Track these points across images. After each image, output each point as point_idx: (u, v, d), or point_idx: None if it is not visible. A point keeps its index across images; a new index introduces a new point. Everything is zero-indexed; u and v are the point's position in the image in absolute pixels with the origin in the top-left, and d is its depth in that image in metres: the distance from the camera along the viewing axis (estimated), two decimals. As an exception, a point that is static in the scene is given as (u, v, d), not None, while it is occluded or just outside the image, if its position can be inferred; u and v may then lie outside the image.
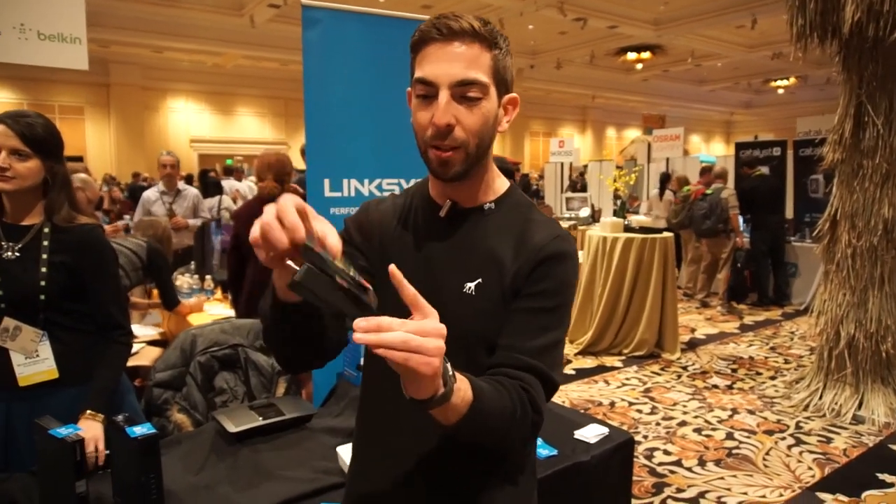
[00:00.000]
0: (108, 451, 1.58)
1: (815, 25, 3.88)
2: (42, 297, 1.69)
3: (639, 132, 22.74)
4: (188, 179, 11.29)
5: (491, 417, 0.89)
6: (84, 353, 1.77)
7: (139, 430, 1.35)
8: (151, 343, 3.65)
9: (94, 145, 16.44)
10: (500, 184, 1.12)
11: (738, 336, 6.21)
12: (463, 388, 0.84)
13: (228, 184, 9.06)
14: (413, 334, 0.73)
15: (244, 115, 18.71)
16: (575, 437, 1.87)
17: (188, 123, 17.88)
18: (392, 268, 0.78)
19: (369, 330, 0.72)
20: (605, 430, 1.90)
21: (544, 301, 1.02)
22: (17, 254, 1.70)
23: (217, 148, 17.50)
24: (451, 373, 0.82)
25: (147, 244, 3.03)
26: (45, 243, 1.72)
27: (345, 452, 1.60)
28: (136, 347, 3.46)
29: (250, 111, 18.77)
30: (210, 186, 7.94)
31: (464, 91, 0.97)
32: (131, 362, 3.19)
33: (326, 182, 2.39)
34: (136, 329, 3.89)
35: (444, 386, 0.80)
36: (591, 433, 1.88)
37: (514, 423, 0.93)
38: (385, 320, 0.73)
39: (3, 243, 1.70)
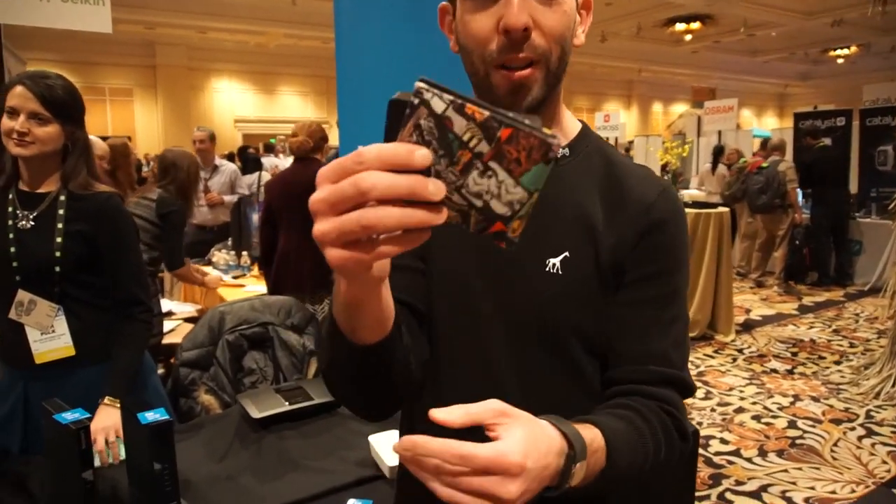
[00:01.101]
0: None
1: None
2: (57, 268, 1.59)
3: (686, 107, 21.99)
4: (230, 157, 11.35)
5: (631, 471, 0.70)
6: (102, 329, 1.67)
7: (151, 416, 1.22)
8: (188, 320, 3.59)
9: (143, 126, 16.74)
10: (571, 122, 0.87)
11: (797, 318, 5.88)
12: (588, 439, 0.63)
13: (269, 161, 9.03)
14: (470, 472, 0.51)
15: (286, 94, 18.76)
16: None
17: (232, 103, 18.03)
18: (433, 414, 0.53)
19: (406, 449, 0.51)
20: (666, 421, 1.71)
21: (664, 284, 0.80)
22: (33, 222, 1.60)
23: (261, 127, 17.62)
24: (565, 424, 0.62)
25: (157, 200, 2.85)
26: (61, 212, 1.61)
27: (378, 442, 1.46)
28: (171, 325, 3.39)
29: (292, 90, 18.81)
30: (249, 162, 7.91)
31: None
32: (167, 340, 3.12)
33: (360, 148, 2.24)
34: (173, 306, 3.84)
35: (567, 444, 0.60)
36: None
37: (659, 462, 0.75)
38: (430, 446, 0.51)
39: (18, 212, 1.61)
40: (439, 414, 0.52)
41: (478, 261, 0.81)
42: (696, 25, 16.38)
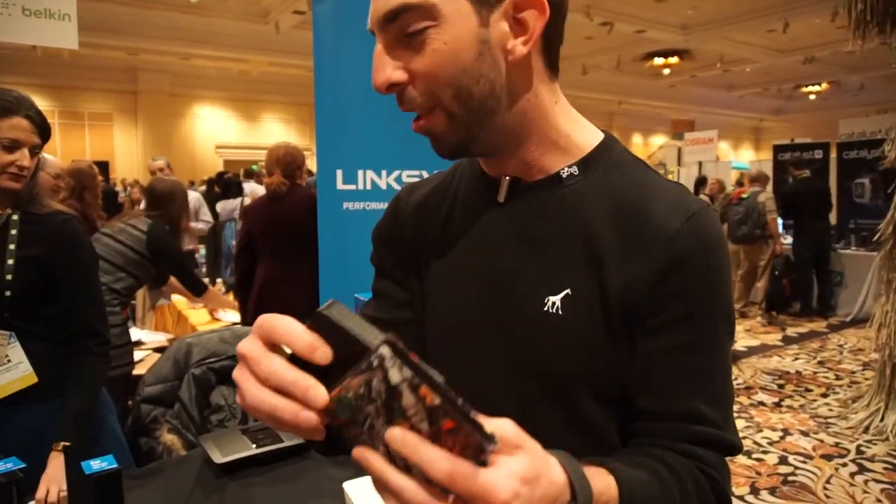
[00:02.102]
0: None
1: (877, 11, 3.55)
2: (7, 293, 1.46)
3: (665, 138, 22.30)
4: (209, 183, 11.22)
5: None
6: (55, 363, 1.54)
7: (97, 464, 1.10)
8: (158, 350, 3.42)
9: (122, 151, 16.57)
10: (586, 135, 0.73)
11: (781, 349, 5.83)
12: (598, 489, 0.54)
13: (249, 186, 8.92)
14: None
15: (269, 122, 18.72)
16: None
17: (214, 130, 17.93)
18: None
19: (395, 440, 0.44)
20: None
21: (692, 331, 0.66)
22: None
23: (243, 154, 17.51)
24: (576, 468, 0.53)
25: (147, 233, 2.68)
26: (13, 232, 1.49)
27: (354, 490, 1.33)
28: (140, 355, 3.23)
29: (275, 117, 18.78)
30: (232, 187, 7.79)
31: (401, 28, 0.63)
32: (135, 371, 2.95)
33: (339, 173, 2.14)
34: (143, 335, 3.67)
35: (570, 491, 0.51)
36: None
37: None
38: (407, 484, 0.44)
39: None
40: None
41: (478, 302, 0.73)
42: (674, 60, 16.70)
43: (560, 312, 0.67)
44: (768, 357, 5.55)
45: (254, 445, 1.53)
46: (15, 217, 1.50)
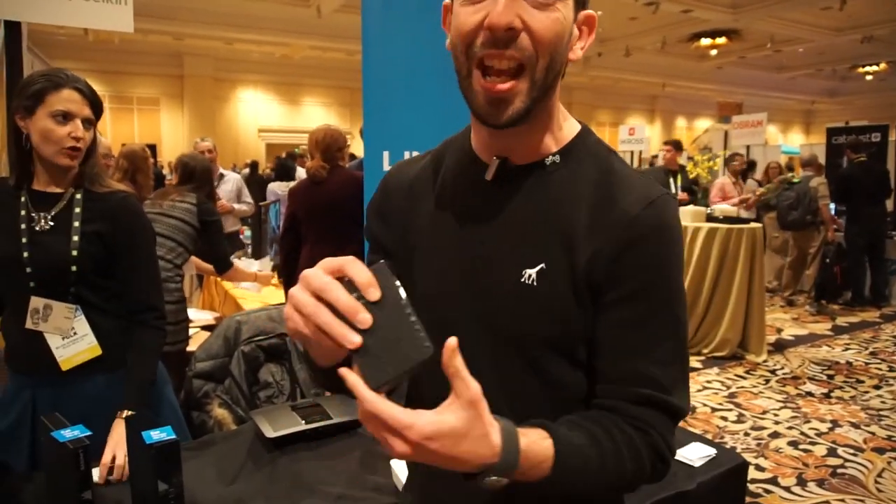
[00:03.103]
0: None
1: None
2: (74, 268, 1.51)
3: (710, 122, 21.72)
4: (253, 166, 11.39)
5: (581, 487, 0.71)
6: (117, 336, 1.59)
7: (157, 434, 1.13)
8: (206, 328, 3.51)
9: (169, 135, 16.94)
10: (569, 127, 0.82)
11: (831, 338, 5.66)
12: (533, 453, 0.66)
13: (279, 186, 9.10)
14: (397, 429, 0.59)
15: (310, 105, 18.88)
16: (675, 457, 1.56)
17: (257, 113, 18.18)
18: (449, 344, 0.60)
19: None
20: (712, 452, 1.58)
21: (644, 302, 0.75)
22: (52, 223, 1.53)
23: (284, 137, 17.72)
24: (513, 437, 0.65)
25: (197, 206, 2.77)
26: (78, 210, 1.54)
27: (400, 467, 1.35)
28: (189, 333, 3.32)
29: (316, 101, 18.93)
30: (289, 171, 7.97)
31: None
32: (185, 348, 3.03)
33: (386, 155, 2.15)
34: (191, 313, 3.76)
35: (498, 457, 0.63)
36: (694, 454, 1.56)
37: (625, 480, 0.74)
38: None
39: (32, 214, 1.53)
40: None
41: (462, 273, 0.80)
42: (721, 41, 16.19)
43: (535, 284, 0.75)
44: (817, 347, 5.40)
45: (303, 421, 1.56)
46: (78, 196, 1.55)
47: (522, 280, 0.75)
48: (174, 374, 1.83)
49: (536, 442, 0.66)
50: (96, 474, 1.38)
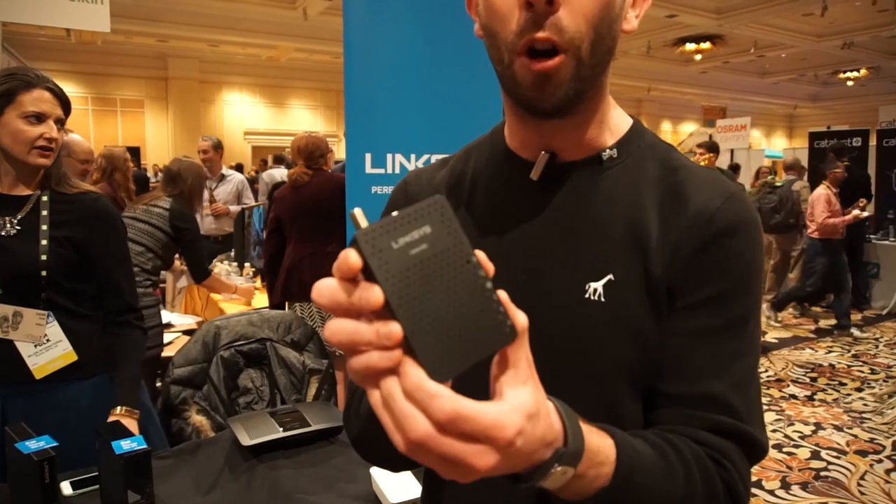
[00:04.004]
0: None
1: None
2: (44, 272, 1.47)
3: (695, 126, 21.89)
4: (238, 169, 11.30)
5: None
6: (91, 340, 1.55)
7: (127, 444, 1.10)
8: (188, 333, 3.46)
9: (153, 137, 16.78)
10: (621, 118, 0.72)
11: (814, 341, 5.70)
12: (594, 445, 0.50)
13: (279, 172, 8.99)
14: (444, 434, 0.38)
15: (297, 108, 18.80)
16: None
17: (242, 116, 18.06)
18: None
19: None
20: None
21: (725, 310, 0.63)
22: (18, 227, 1.48)
23: (270, 140, 17.62)
24: (572, 416, 0.49)
25: (168, 210, 2.73)
26: (45, 213, 1.50)
27: (381, 475, 1.33)
28: (170, 337, 3.27)
29: (303, 103, 18.85)
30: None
31: None
32: (165, 353, 2.99)
33: (368, 157, 2.12)
34: (173, 317, 3.72)
35: (565, 441, 0.47)
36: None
37: None
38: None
39: None
40: None
41: (508, 291, 0.66)
42: (706, 45, 16.32)
43: (602, 299, 0.63)
44: (800, 349, 5.43)
45: (280, 429, 1.53)
46: (45, 198, 1.51)
47: (587, 296, 0.64)
48: (148, 380, 1.80)
49: (596, 433, 0.52)
50: (67, 488, 1.34)
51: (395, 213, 0.39)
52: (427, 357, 0.38)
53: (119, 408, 1.51)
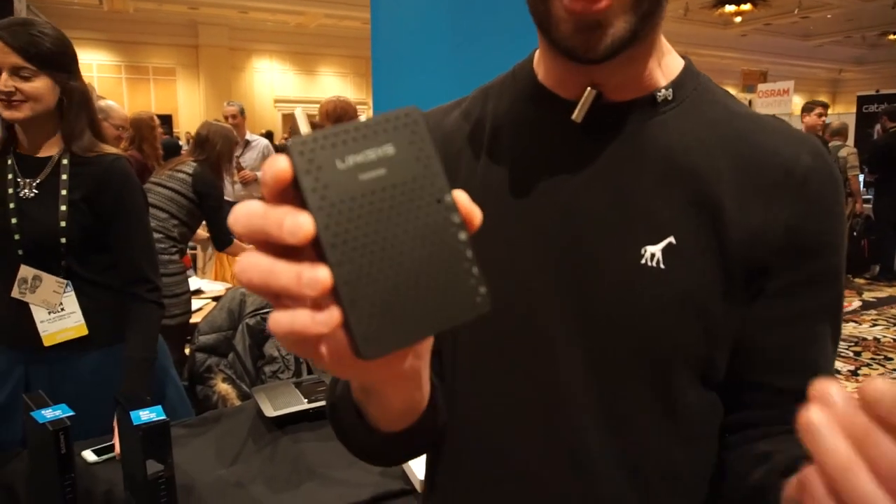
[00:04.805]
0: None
1: None
2: (63, 240, 1.43)
3: (734, 91, 21.22)
4: (268, 137, 11.31)
5: None
6: (112, 310, 1.51)
7: (146, 415, 1.06)
8: (217, 299, 3.46)
9: (185, 105, 16.89)
10: (672, 57, 0.61)
11: (858, 314, 5.50)
12: None
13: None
14: None
15: (326, 75, 18.71)
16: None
17: (272, 83, 18.06)
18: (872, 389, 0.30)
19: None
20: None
21: (830, 286, 0.55)
22: (36, 191, 1.44)
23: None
24: None
25: (192, 175, 2.68)
26: (64, 177, 1.45)
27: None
28: (200, 303, 3.27)
29: (332, 71, 18.75)
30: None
31: None
32: (195, 319, 2.98)
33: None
34: (203, 284, 3.72)
35: None
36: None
37: None
38: None
39: (18, 179, 1.45)
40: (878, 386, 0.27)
41: (545, 255, 0.57)
42: (747, 7, 15.70)
43: (661, 266, 0.53)
44: (843, 322, 5.25)
45: (305, 400, 1.48)
46: (65, 161, 1.46)
47: (643, 261, 0.54)
48: (174, 349, 1.77)
49: None
50: (90, 455, 1.32)
51: (348, 123, 0.29)
52: (358, 321, 0.28)
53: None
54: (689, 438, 0.56)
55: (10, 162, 1.46)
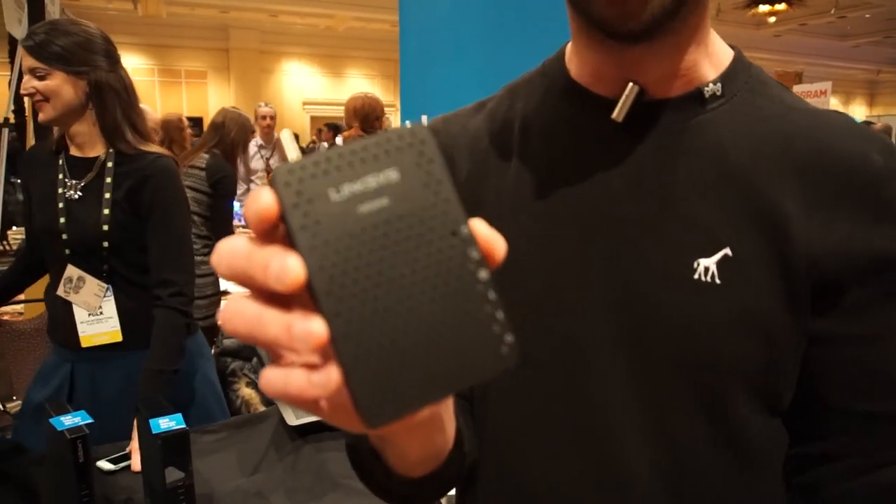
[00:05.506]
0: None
1: None
2: (105, 243, 1.43)
3: (769, 93, 20.85)
4: (295, 139, 11.41)
5: None
6: (150, 314, 1.50)
7: (165, 423, 1.03)
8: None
9: (216, 107, 16.83)
10: (721, 46, 0.56)
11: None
12: None
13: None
14: None
15: (354, 78, 18.83)
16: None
17: (301, 86, 18.23)
18: None
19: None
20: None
21: None
22: (80, 193, 1.44)
23: (328, 110, 17.73)
24: None
25: (206, 169, 2.65)
26: (108, 180, 1.44)
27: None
28: (220, 305, 3.27)
29: (360, 73, 18.87)
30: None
31: None
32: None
33: (424, 119, 1.99)
34: (230, 285, 3.73)
35: None
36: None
37: None
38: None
39: (66, 180, 1.45)
40: None
41: (586, 268, 0.52)
42: (781, 7, 15.39)
43: (717, 281, 0.48)
44: None
45: (329, 407, 1.45)
46: (109, 164, 1.44)
47: (696, 276, 0.49)
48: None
49: None
50: (106, 464, 1.30)
51: (343, 146, 0.25)
52: (361, 383, 0.24)
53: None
54: (748, 469, 0.51)
55: (60, 162, 1.47)
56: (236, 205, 3.51)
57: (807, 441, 0.52)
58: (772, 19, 16.62)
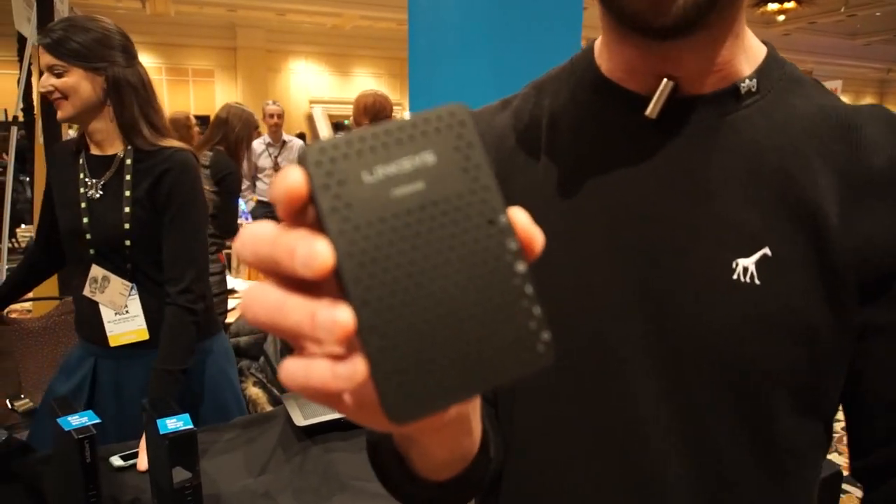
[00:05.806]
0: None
1: None
2: (128, 242, 1.42)
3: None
4: (302, 138, 11.43)
5: None
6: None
7: (172, 423, 1.03)
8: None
9: (223, 106, 17.16)
10: (754, 41, 0.55)
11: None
12: None
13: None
14: None
15: (361, 76, 18.83)
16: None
17: (308, 84, 18.25)
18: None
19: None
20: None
21: None
22: (101, 191, 1.44)
23: (335, 109, 17.75)
24: None
25: (210, 165, 2.62)
26: (128, 177, 1.43)
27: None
28: (233, 303, 3.27)
29: (367, 72, 18.87)
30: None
31: None
32: (229, 319, 2.97)
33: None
34: (237, 283, 3.72)
35: None
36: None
37: None
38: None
39: (87, 179, 1.45)
40: None
41: (618, 270, 0.50)
42: (790, 5, 15.29)
43: (757, 281, 0.47)
44: None
45: (336, 408, 1.44)
46: (128, 161, 1.44)
47: (735, 277, 0.48)
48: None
49: None
50: (117, 460, 1.30)
51: (377, 125, 0.24)
52: (387, 377, 0.22)
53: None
54: (784, 475, 0.50)
55: (81, 162, 1.46)
56: (241, 202, 3.51)
57: (868, 452, 0.51)
58: (781, 17, 16.51)
